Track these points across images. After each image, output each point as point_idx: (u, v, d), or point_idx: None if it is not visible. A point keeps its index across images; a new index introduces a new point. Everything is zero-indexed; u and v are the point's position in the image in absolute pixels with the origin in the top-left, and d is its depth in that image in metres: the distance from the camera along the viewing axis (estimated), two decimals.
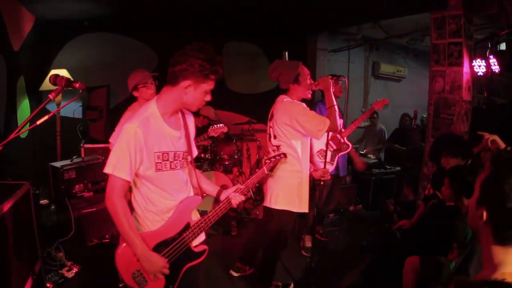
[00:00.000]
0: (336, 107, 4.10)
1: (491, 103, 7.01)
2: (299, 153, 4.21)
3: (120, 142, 2.50)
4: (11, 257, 3.24)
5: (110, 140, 4.45)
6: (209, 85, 2.59)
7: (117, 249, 2.61)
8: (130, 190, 2.73)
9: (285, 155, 3.47)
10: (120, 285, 2.83)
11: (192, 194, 2.97)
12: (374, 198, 7.92)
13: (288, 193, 4.18)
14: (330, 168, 5.45)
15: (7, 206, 3.14)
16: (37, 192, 5.21)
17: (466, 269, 2.31)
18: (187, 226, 2.81)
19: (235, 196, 3.03)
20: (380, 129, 9.64)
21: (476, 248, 2.49)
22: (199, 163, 6.95)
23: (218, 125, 6.03)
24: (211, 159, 7.13)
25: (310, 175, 4.55)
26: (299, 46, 9.66)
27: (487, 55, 6.21)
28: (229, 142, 7.68)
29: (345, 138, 5.71)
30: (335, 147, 5.60)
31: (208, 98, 2.67)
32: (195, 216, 2.95)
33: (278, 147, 4.20)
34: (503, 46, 6.56)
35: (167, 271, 2.64)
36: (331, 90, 4.14)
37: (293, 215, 4.27)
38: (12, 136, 2.14)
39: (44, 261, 4.32)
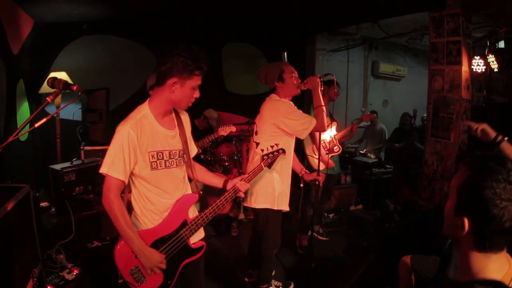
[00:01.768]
0: (323, 107, 4.11)
1: (490, 101, 7.01)
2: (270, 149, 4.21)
3: (114, 143, 2.57)
4: (12, 259, 3.24)
5: None
6: (195, 81, 2.66)
7: (116, 246, 2.69)
8: (129, 190, 2.79)
9: (283, 151, 3.55)
10: (120, 281, 2.87)
11: (189, 191, 3.02)
12: (374, 198, 7.92)
13: (266, 191, 4.17)
14: (322, 166, 5.43)
15: (7, 209, 3.14)
16: (37, 194, 5.20)
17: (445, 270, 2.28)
18: (184, 223, 2.88)
19: (241, 184, 3.16)
20: (381, 129, 9.65)
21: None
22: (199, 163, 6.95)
23: (227, 125, 6.10)
24: (211, 160, 7.12)
25: (301, 177, 4.57)
26: (298, 47, 9.68)
27: (486, 54, 6.22)
28: (229, 143, 7.67)
29: (337, 141, 5.78)
30: (328, 147, 5.65)
31: (196, 94, 2.74)
32: (192, 213, 3.00)
33: (258, 144, 4.22)
34: (501, 44, 6.57)
35: (164, 266, 2.72)
36: (319, 89, 4.14)
37: (277, 213, 4.26)
38: (11, 138, 2.15)
39: (44, 264, 4.32)
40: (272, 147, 3.54)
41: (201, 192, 3.13)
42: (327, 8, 6.89)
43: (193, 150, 3.12)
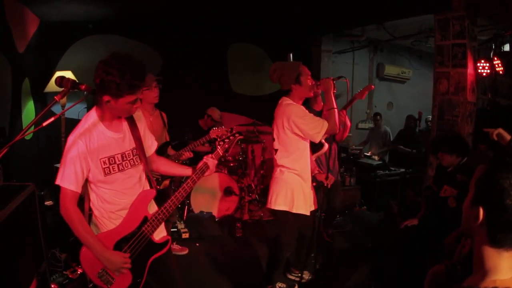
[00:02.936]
0: (336, 110, 4.09)
1: (495, 104, 6.99)
2: (298, 155, 4.22)
3: (65, 155, 2.59)
4: (16, 258, 3.25)
5: None
6: (128, 98, 2.55)
7: (80, 252, 2.70)
8: (88, 194, 2.82)
9: (240, 133, 3.52)
10: (89, 286, 2.89)
11: (147, 188, 2.99)
12: (379, 200, 7.91)
13: (285, 194, 4.19)
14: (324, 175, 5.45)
15: (12, 207, 3.15)
16: (42, 193, 5.22)
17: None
18: (145, 219, 2.85)
19: (209, 160, 3.20)
20: (385, 131, 9.65)
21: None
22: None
23: (220, 127, 6.04)
24: None
25: (314, 177, 4.57)
26: (303, 48, 9.66)
27: (491, 56, 6.21)
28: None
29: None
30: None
31: (136, 106, 2.67)
32: (152, 209, 2.97)
33: (276, 150, 4.24)
34: (507, 47, 6.56)
35: (128, 266, 2.72)
36: (332, 92, 4.13)
37: (294, 216, 4.26)
38: (18, 137, 2.15)
39: (48, 262, 4.33)
40: (228, 131, 3.53)
41: (158, 187, 3.11)
42: (333, 10, 6.89)
43: (152, 145, 3.12)
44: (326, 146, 5.35)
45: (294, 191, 4.19)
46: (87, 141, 2.59)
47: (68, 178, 2.56)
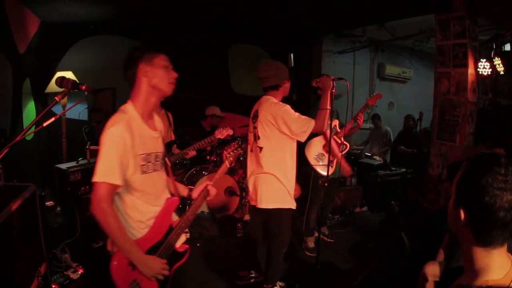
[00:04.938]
0: (328, 111, 4.09)
1: (496, 104, 6.98)
2: (282, 154, 4.25)
3: (106, 147, 2.42)
4: (17, 258, 3.26)
5: None
6: (161, 59, 2.61)
7: (112, 262, 2.53)
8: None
9: (240, 146, 3.56)
10: None
11: (169, 195, 2.94)
12: (380, 200, 7.91)
13: (276, 191, 4.22)
14: (330, 170, 5.44)
15: (13, 207, 3.15)
16: (43, 194, 5.23)
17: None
18: (171, 228, 2.81)
19: (212, 188, 3.09)
20: (385, 131, 9.65)
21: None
22: (205, 165, 6.99)
23: (225, 129, 6.05)
24: (217, 161, 7.14)
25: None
26: (304, 48, 9.68)
27: (492, 56, 6.20)
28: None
29: (342, 139, 5.64)
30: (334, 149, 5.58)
31: (173, 74, 2.69)
32: (174, 217, 2.94)
33: (261, 148, 4.24)
34: (507, 47, 6.55)
35: (166, 272, 2.66)
36: (330, 91, 4.13)
37: (288, 211, 4.30)
38: (18, 138, 2.15)
39: (49, 263, 4.33)
40: (234, 144, 3.56)
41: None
42: (333, 10, 6.89)
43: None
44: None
45: (283, 187, 4.22)
46: (131, 134, 2.46)
47: (112, 171, 2.39)
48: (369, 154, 9.02)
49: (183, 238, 3.03)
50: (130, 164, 2.49)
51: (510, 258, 1.57)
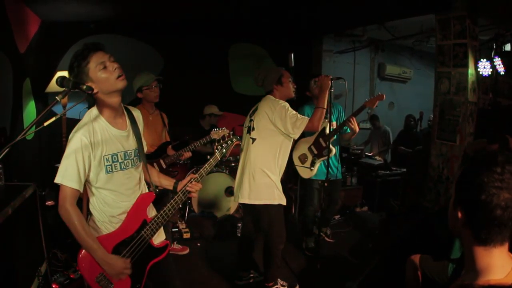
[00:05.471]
0: (324, 110, 4.16)
1: (497, 104, 6.98)
2: (275, 148, 4.29)
3: (67, 152, 2.53)
4: (17, 258, 3.26)
5: None
6: (93, 63, 2.56)
7: (78, 255, 2.63)
8: (87, 197, 2.77)
9: (237, 138, 3.50)
10: None
11: (146, 191, 2.96)
12: (380, 200, 7.90)
13: (263, 186, 4.25)
14: (312, 173, 5.47)
15: (13, 207, 3.15)
16: (43, 193, 5.23)
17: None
18: (144, 223, 2.81)
19: (191, 185, 3.01)
20: (385, 131, 9.64)
21: None
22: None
23: (222, 129, 6.04)
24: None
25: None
26: (304, 48, 9.68)
27: (492, 56, 6.20)
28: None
29: (328, 143, 5.26)
30: (316, 152, 5.51)
31: (111, 67, 2.63)
32: (151, 213, 2.95)
33: (254, 140, 4.30)
34: (508, 47, 6.55)
35: (128, 271, 2.67)
36: (328, 90, 4.18)
37: (278, 207, 4.32)
38: (19, 137, 2.15)
39: (50, 262, 4.32)
40: (227, 134, 3.50)
41: (157, 190, 3.07)
42: (334, 10, 6.89)
43: (145, 147, 3.04)
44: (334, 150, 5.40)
45: (270, 182, 4.25)
46: (90, 137, 2.54)
47: (70, 176, 2.49)
48: (370, 154, 9.01)
49: (162, 234, 3.05)
50: (93, 165, 2.58)
51: (511, 258, 1.58)
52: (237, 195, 4.48)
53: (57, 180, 2.51)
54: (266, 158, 4.26)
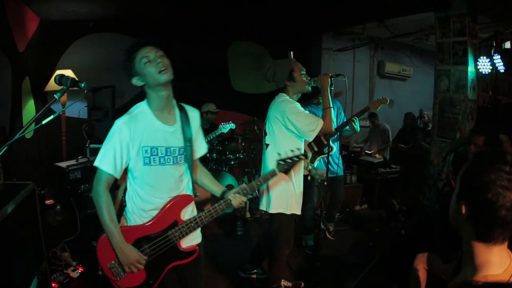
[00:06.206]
0: (331, 109, 4.06)
1: (496, 102, 6.98)
2: (287, 152, 4.19)
3: (108, 138, 2.61)
4: (17, 257, 3.26)
5: None
6: (140, 58, 2.60)
7: (99, 237, 2.73)
8: (125, 186, 2.83)
9: (305, 156, 3.24)
10: (99, 273, 2.83)
11: (187, 192, 2.92)
12: (380, 198, 7.90)
13: (281, 196, 4.15)
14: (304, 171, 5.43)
15: (12, 206, 3.15)
16: (43, 192, 5.22)
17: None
18: (174, 224, 2.79)
19: (235, 197, 2.92)
20: (384, 128, 9.63)
21: None
22: (204, 162, 6.97)
23: (227, 122, 6.07)
24: (217, 159, 7.13)
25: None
26: (304, 46, 9.68)
27: (492, 54, 6.20)
28: (235, 142, 7.67)
29: (329, 140, 5.41)
30: (316, 149, 5.48)
31: (157, 64, 2.60)
32: (186, 215, 2.90)
33: (267, 145, 4.20)
34: (507, 45, 6.55)
35: (140, 266, 2.68)
36: (328, 89, 4.10)
37: (290, 217, 4.24)
38: (18, 136, 2.15)
39: (49, 261, 4.33)
40: (292, 151, 3.22)
41: (198, 194, 3.02)
42: (333, 8, 6.88)
43: (200, 149, 3.01)
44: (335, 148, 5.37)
45: (287, 192, 4.15)
46: (131, 126, 2.59)
47: (107, 161, 2.60)
48: (369, 152, 9.01)
49: (192, 238, 2.99)
50: (132, 155, 2.65)
51: (510, 255, 1.57)
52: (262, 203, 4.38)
53: (95, 163, 2.63)
54: None
